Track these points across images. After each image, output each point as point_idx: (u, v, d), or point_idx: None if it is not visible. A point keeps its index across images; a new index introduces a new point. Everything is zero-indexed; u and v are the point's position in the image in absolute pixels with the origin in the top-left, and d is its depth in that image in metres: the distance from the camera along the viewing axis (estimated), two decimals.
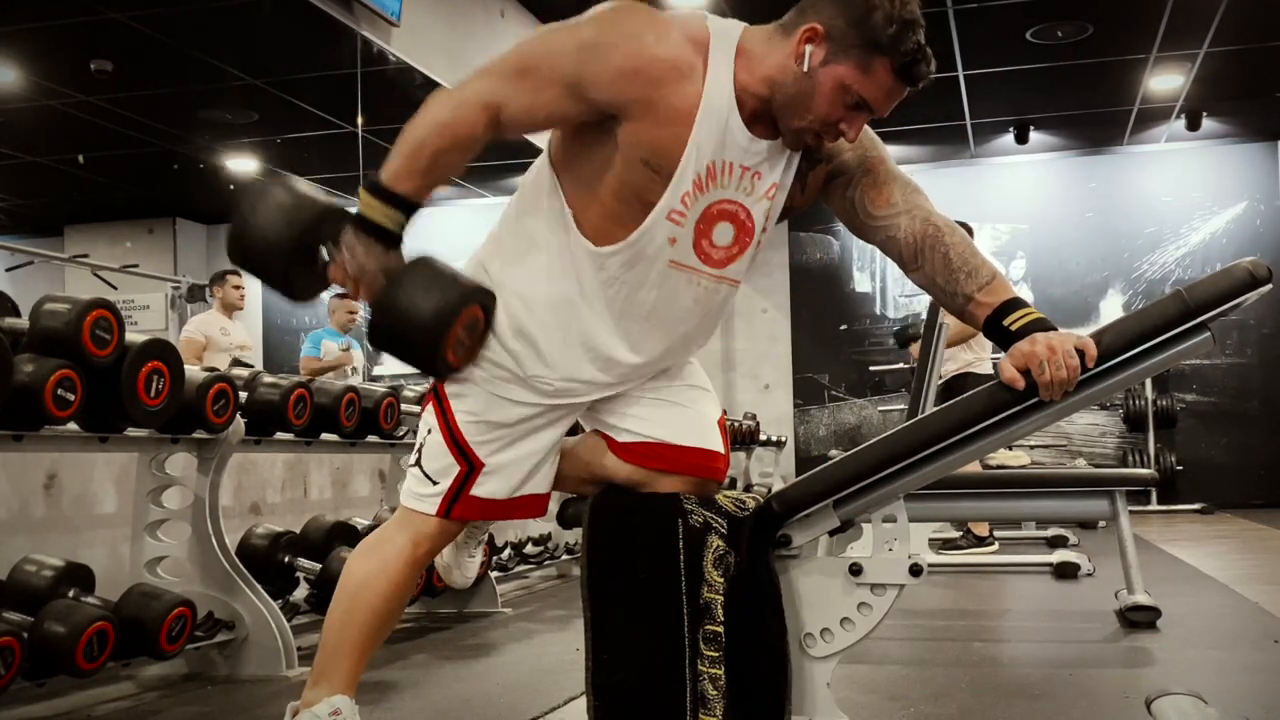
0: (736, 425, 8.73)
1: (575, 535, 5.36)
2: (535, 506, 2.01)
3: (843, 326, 11.23)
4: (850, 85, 1.75)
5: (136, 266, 9.31)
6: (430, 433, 1.95)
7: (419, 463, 1.95)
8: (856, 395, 11.16)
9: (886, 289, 11.18)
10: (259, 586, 3.28)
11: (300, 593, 3.67)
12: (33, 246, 9.39)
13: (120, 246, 10.54)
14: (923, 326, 5.43)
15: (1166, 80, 8.97)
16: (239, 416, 3.23)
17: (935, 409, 2.06)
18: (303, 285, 1.86)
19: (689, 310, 1.89)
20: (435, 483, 1.93)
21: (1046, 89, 9.16)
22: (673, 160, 1.76)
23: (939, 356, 5.21)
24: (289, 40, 7.13)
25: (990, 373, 6.23)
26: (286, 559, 3.61)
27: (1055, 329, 1.78)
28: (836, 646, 1.94)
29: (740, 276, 1.93)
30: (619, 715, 1.88)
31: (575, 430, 2.08)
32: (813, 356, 11.22)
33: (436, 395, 1.95)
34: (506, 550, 4.96)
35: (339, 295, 7.53)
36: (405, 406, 4.23)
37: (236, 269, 7.25)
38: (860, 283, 11.25)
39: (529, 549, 5.21)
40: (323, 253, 1.78)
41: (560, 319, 1.87)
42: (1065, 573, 5.07)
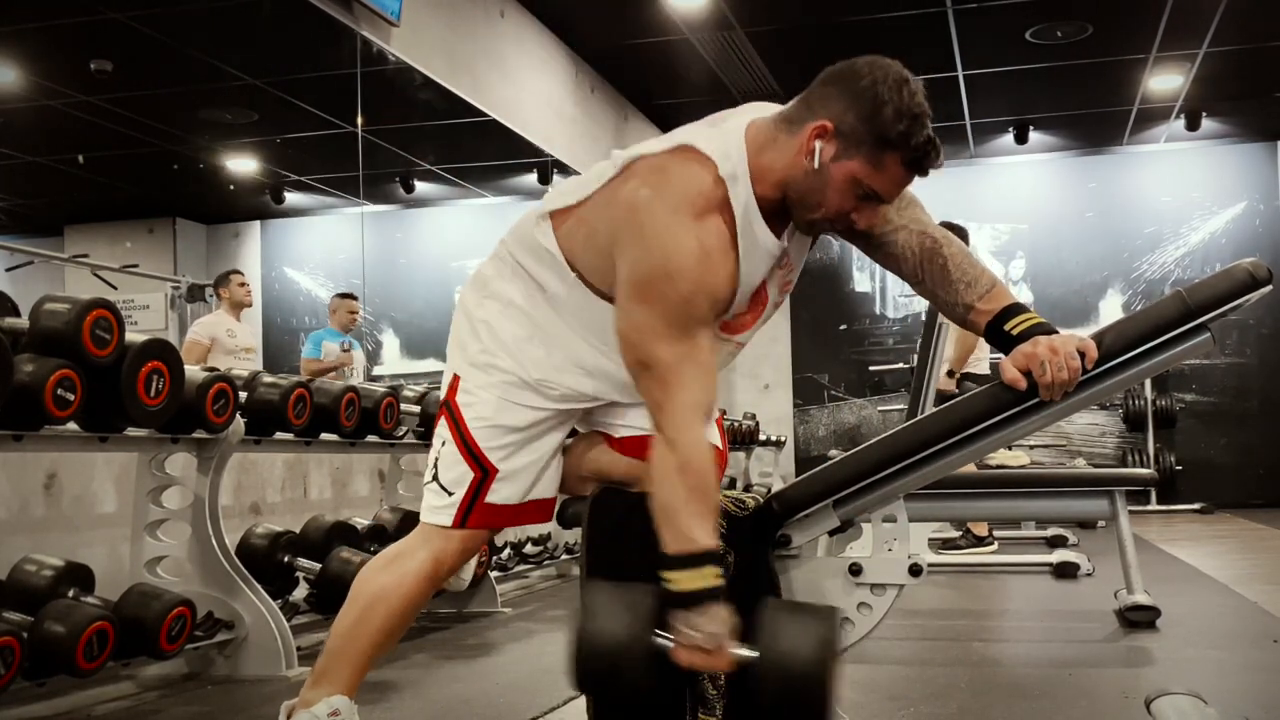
0: (736, 425, 8.74)
1: (575, 535, 5.36)
2: (544, 511, 2.03)
3: (842, 326, 11.23)
4: (861, 180, 1.76)
5: (136, 266, 9.29)
6: (444, 444, 1.96)
7: (435, 476, 1.96)
8: (856, 395, 11.17)
9: (886, 289, 11.18)
10: (259, 586, 3.29)
11: (300, 592, 3.67)
12: (33, 246, 9.37)
13: (120, 246, 10.53)
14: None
15: (1166, 80, 8.97)
16: (239, 416, 3.24)
17: (935, 409, 2.06)
18: (653, 682, 1.74)
19: None
20: (450, 493, 1.94)
21: (1046, 89, 9.16)
22: (727, 303, 1.81)
23: (939, 357, 5.21)
24: (289, 40, 7.13)
25: (988, 373, 6.23)
26: (286, 559, 3.61)
27: (1056, 332, 1.79)
28: None
29: (746, 340, 1.98)
30: (618, 715, 1.88)
31: (572, 431, 2.09)
32: (812, 356, 11.22)
33: (448, 407, 1.96)
34: (506, 550, 4.96)
35: (340, 295, 7.54)
36: (405, 406, 4.23)
37: (239, 269, 7.28)
38: (860, 283, 11.25)
39: (528, 549, 5.21)
40: (658, 643, 1.69)
41: (573, 353, 1.91)
42: (1065, 572, 5.07)
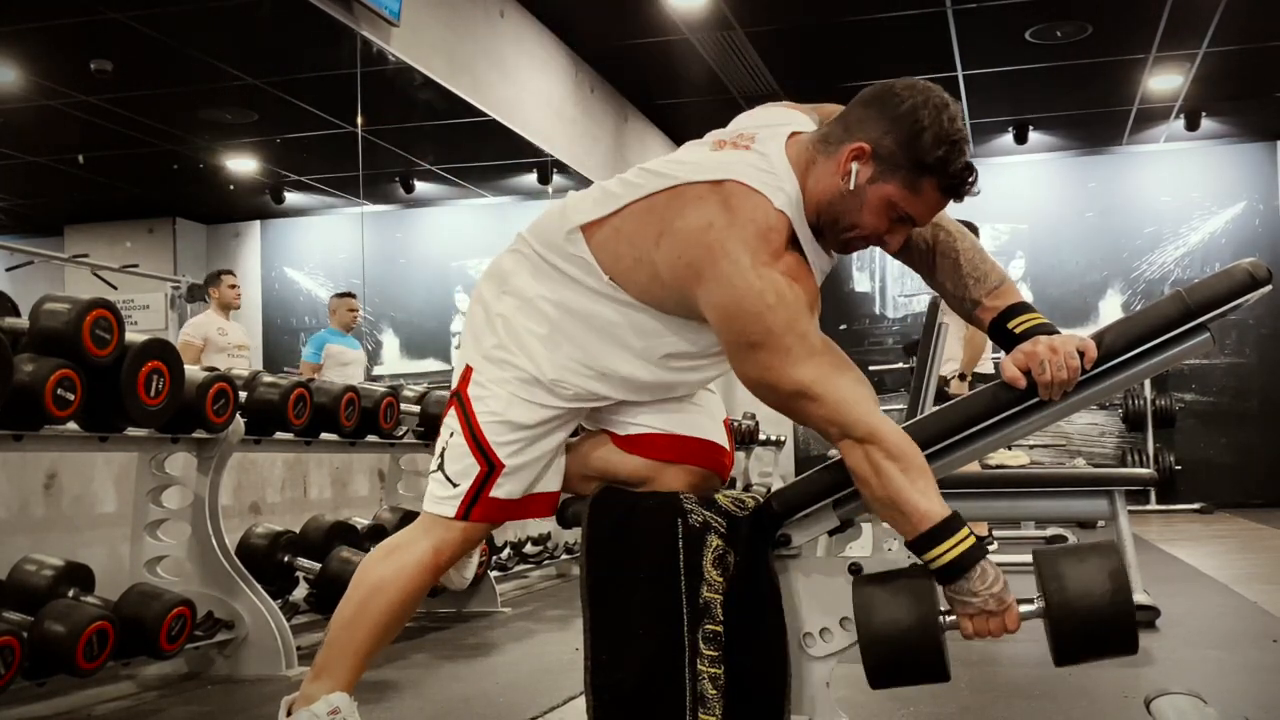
0: (736, 425, 8.74)
1: (575, 535, 5.36)
2: (548, 504, 2.03)
3: (842, 326, 11.23)
4: (897, 204, 1.77)
5: (136, 266, 9.30)
6: (452, 435, 1.95)
7: (441, 466, 1.96)
8: None
9: (886, 289, 11.18)
10: (259, 586, 3.29)
11: (300, 592, 3.67)
12: (33, 246, 9.37)
13: (120, 246, 10.53)
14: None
15: (1165, 80, 8.97)
16: (239, 416, 3.24)
17: (935, 409, 2.06)
18: (946, 669, 1.78)
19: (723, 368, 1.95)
20: (455, 485, 1.94)
21: (1046, 89, 9.17)
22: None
23: (939, 356, 5.21)
24: (289, 40, 7.13)
25: (990, 372, 6.23)
26: (286, 558, 3.61)
27: (1058, 333, 1.79)
28: (836, 646, 1.94)
29: None
30: (618, 715, 1.89)
31: (575, 430, 2.08)
32: None
33: (459, 398, 1.96)
34: (506, 550, 4.96)
35: (340, 294, 7.55)
36: (405, 406, 4.23)
37: (230, 270, 7.29)
38: (860, 282, 11.26)
39: (528, 549, 5.21)
40: (944, 621, 1.72)
41: (589, 356, 1.91)
42: None
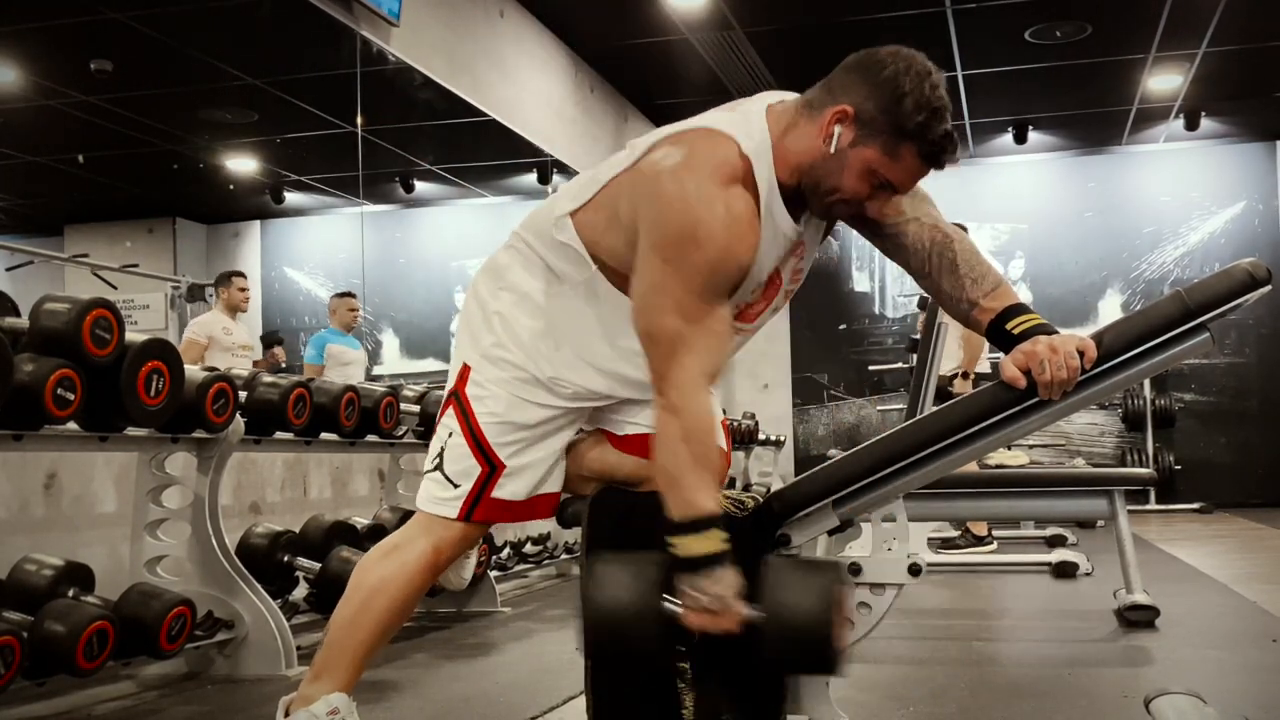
0: (735, 425, 8.74)
1: (574, 535, 5.36)
2: (549, 506, 2.02)
3: (841, 326, 11.23)
4: (877, 169, 1.77)
5: (136, 266, 9.29)
6: (451, 435, 1.95)
7: (439, 466, 1.95)
8: (855, 395, 11.17)
9: (885, 288, 11.18)
10: (258, 586, 3.29)
11: (300, 592, 3.67)
12: (33, 246, 9.37)
13: (120, 246, 10.53)
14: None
15: (1165, 80, 8.97)
16: (239, 416, 3.24)
17: (934, 409, 2.07)
18: (664, 648, 1.79)
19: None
20: (456, 485, 1.93)
21: (1045, 89, 9.17)
22: (738, 283, 1.80)
23: (938, 356, 5.22)
24: (289, 40, 7.13)
25: (989, 372, 6.23)
26: (286, 558, 3.61)
27: (1057, 333, 1.79)
28: None
29: (761, 324, 1.97)
30: (618, 714, 1.89)
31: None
32: (812, 356, 11.22)
33: (457, 397, 1.95)
34: (506, 550, 4.96)
35: (340, 294, 7.54)
36: (405, 406, 4.23)
37: (241, 271, 7.29)
38: (859, 282, 11.25)
39: (528, 548, 5.22)
40: (667, 608, 1.71)
41: (586, 350, 1.91)
42: (1064, 572, 5.08)
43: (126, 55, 7.35)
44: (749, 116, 1.81)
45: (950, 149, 1.77)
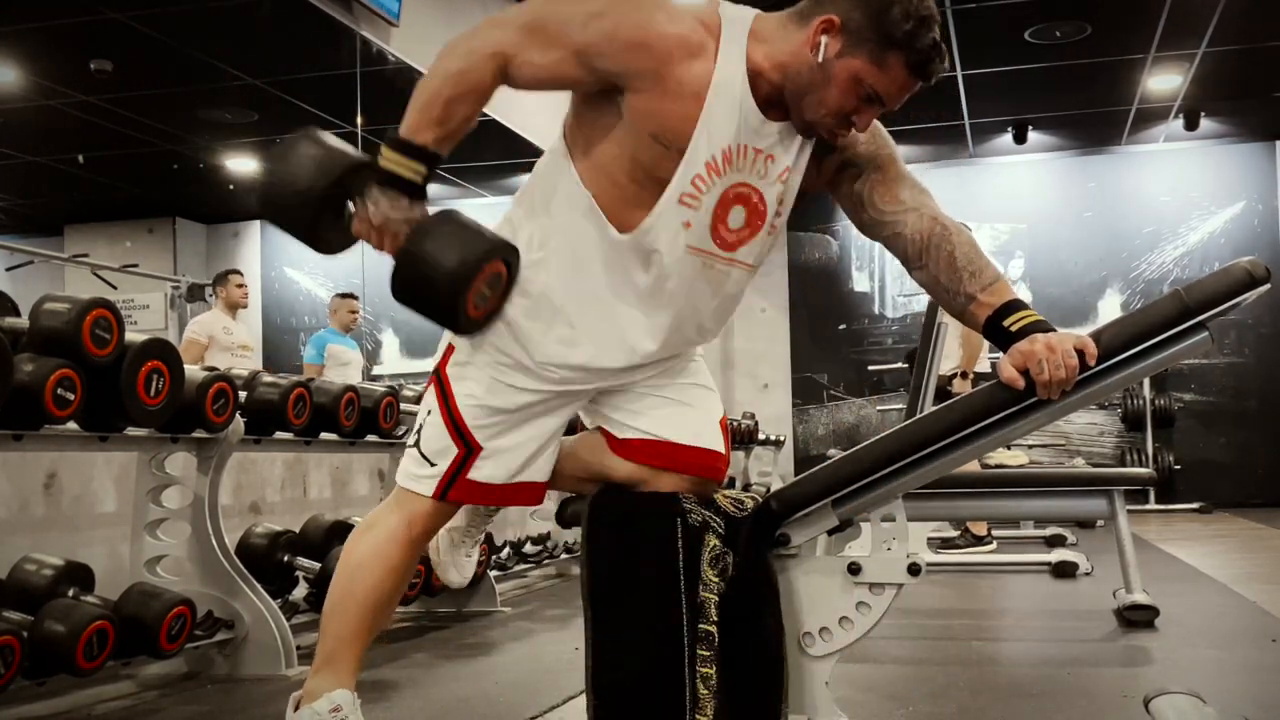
0: (735, 424, 8.73)
1: (574, 534, 5.36)
2: (531, 495, 2.00)
3: (841, 326, 11.24)
4: (864, 79, 1.76)
5: (136, 266, 9.31)
6: (430, 414, 1.95)
7: (417, 444, 1.96)
8: (855, 394, 11.17)
9: (885, 288, 11.18)
10: (258, 585, 3.29)
11: (299, 592, 3.67)
12: (33, 246, 9.39)
13: (120, 246, 10.54)
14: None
15: (1165, 80, 8.97)
16: (238, 416, 3.24)
17: (934, 408, 2.07)
18: (329, 238, 1.87)
19: (704, 296, 1.90)
20: (433, 464, 1.93)
21: (1045, 89, 9.17)
22: (683, 137, 1.76)
23: (938, 356, 5.22)
24: (289, 40, 7.13)
25: (989, 372, 6.23)
26: (286, 558, 3.61)
27: (1054, 330, 1.78)
28: (835, 645, 1.95)
29: (753, 260, 1.93)
30: (618, 714, 1.89)
31: (573, 429, 2.08)
32: (811, 356, 11.23)
33: (438, 375, 1.95)
34: (505, 549, 4.96)
35: (341, 295, 7.55)
36: (404, 406, 4.23)
37: (238, 269, 7.30)
38: (859, 282, 11.26)
39: (528, 548, 5.22)
40: (349, 206, 1.78)
41: (579, 307, 1.88)
42: (1063, 572, 5.08)
43: (126, 55, 7.36)
44: (739, 9, 1.83)
45: (938, 59, 1.79)
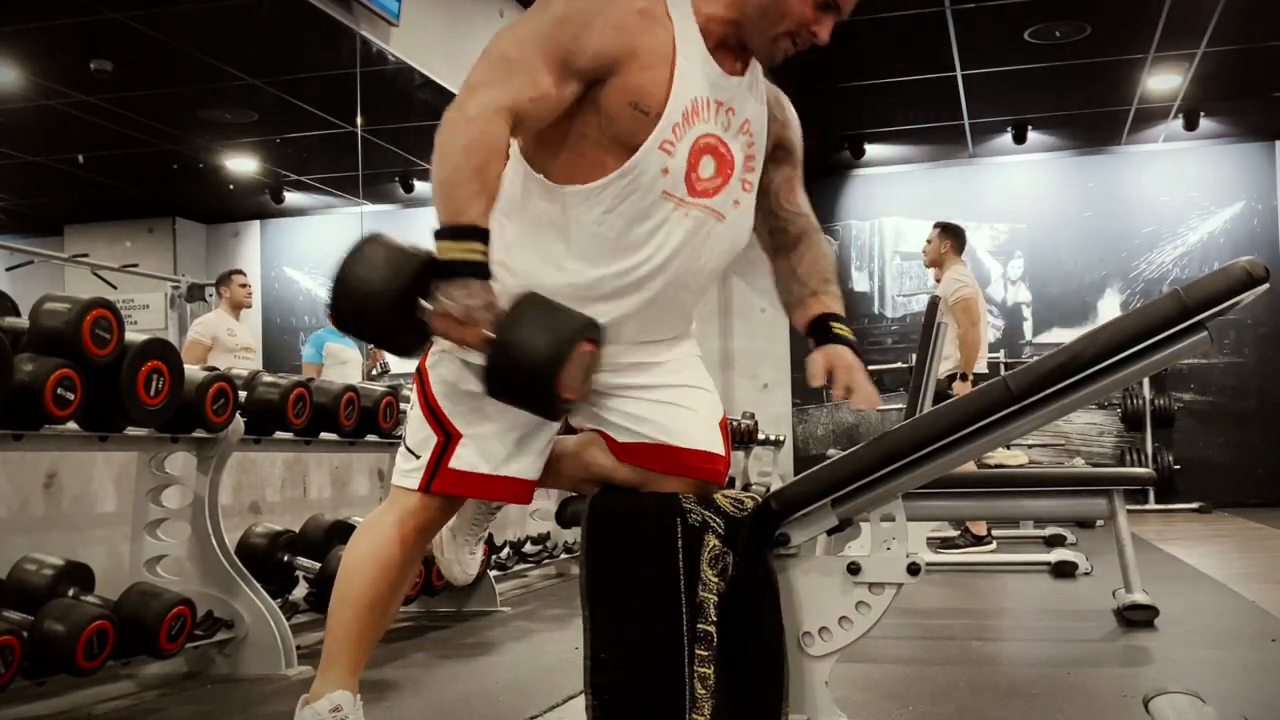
0: (735, 424, 8.74)
1: (574, 534, 5.36)
2: (517, 491, 1.98)
3: None
4: None
5: (136, 266, 9.30)
6: (412, 408, 1.98)
7: (404, 439, 1.99)
8: None
9: (885, 289, 11.18)
10: (258, 585, 3.29)
11: (299, 591, 3.68)
12: (33, 246, 9.37)
13: (120, 246, 10.53)
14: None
15: (1164, 80, 8.98)
16: (238, 416, 3.24)
17: (934, 408, 2.07)
18: (407, 340, 1.85)
19: (680, 247, 1.89)
20: (417, 456, 1.94)
21: (1044, 89, 9.17)
22: (660, 100, 1.81)
23: (937, 355, 5.22)
24: (289, 40, 7.14)
25: (988, 372, 6.24)
26: (286, 558, 3.61)
27: (860, 354, 2.03)
28: (834, 645, 1.95)
29: (725, 210, 1.92)
30: (618, 714, 1.89)
31: (572, 430, 2.08)
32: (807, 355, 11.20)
33: (419, 371, 1.98)
34: (505, 549, 4.97)
35: None
36: (404, 406, 4.23)
37: (241, 269, 7.30)
38: (859, 282, 11.26)
39: (528, 548, 5.22)
40: (422, 305, 1.74)
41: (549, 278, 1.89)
42: (1063, 571, 5.08)
43: (126, 55, 7.36)
44: None
45: None
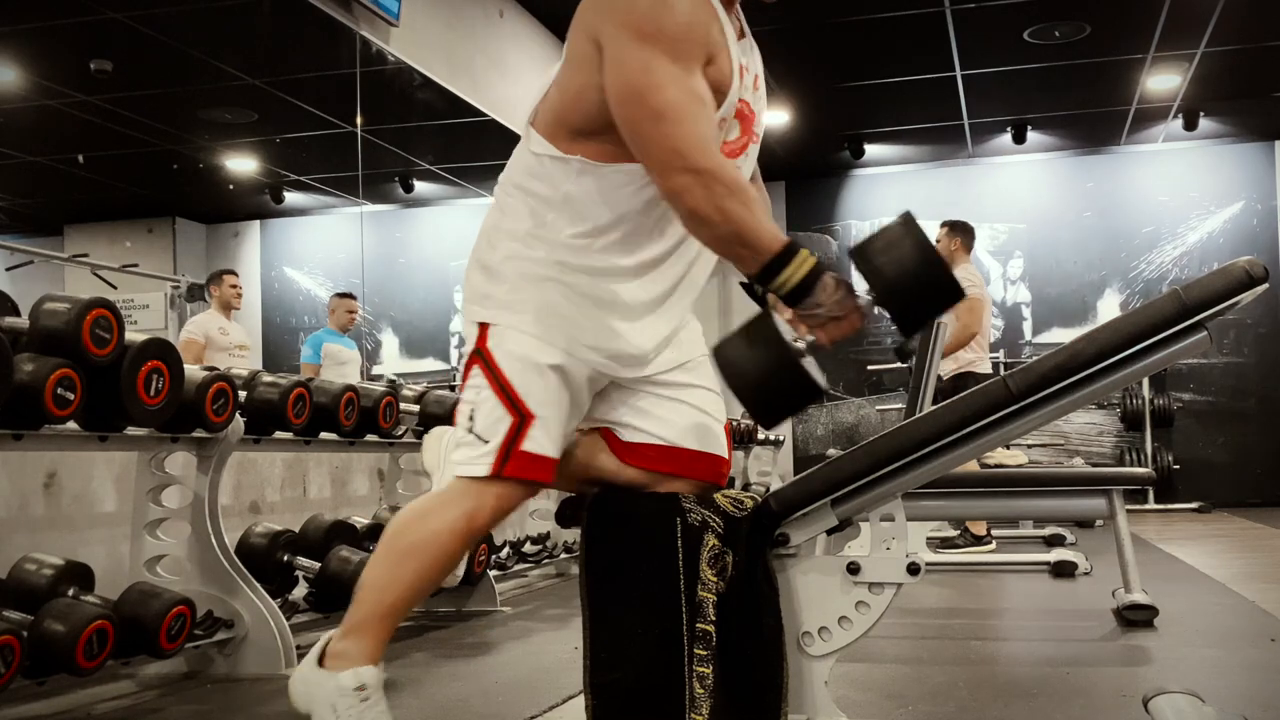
0: (735, 424, 8.74)
1: (574, 534, 5.37)
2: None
3: None
4: None
5: (136, 266, 9.30)
6: (479, 392, 1.89)
7: (470, 428, 1.90)
8: (854, 394, 11.17)
9: None
10: (258, 585, 3.29)
11: (299, 591, 3.68)
12: (33, 246, 9.37)
13: (120, 246, 10.53)
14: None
15: (1164, 80, 8.97)
16: (238, 415, 3.24)
17: (933, 408, 2.07)
18: (812, 384, 1.85)
19: None
20: (486, 441, 1.87)
21: (1044, 89, 9.17)
22: (727, 78, 1.83)
23: (937, 356, 5.22)
24: (288, 40, 7.13)
25: (990, 372, 6.24)
26: (286, 558, 3.61)
27: None
28: (834, 645, 1.95)
29: (744, 166, 1.96)
30: (617, 714, 1.89)
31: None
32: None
33: (480, 354, 1.90)
34: (505, 549, 4.97)
35: (339, 294, 7.55)
36: (404, 406, 4.24)
37: (233, 269, 7.30)
38: (858, 282, 11.23)
39: (527, 548, 5.22)
40: (798, 343, 1.82)
41: (596, 287, 1.88)
42: (1063, 571, 5.08)
43: (126, 55, 7.36)
44: None
45: None
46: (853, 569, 1.94)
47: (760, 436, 9.34)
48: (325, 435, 3.82)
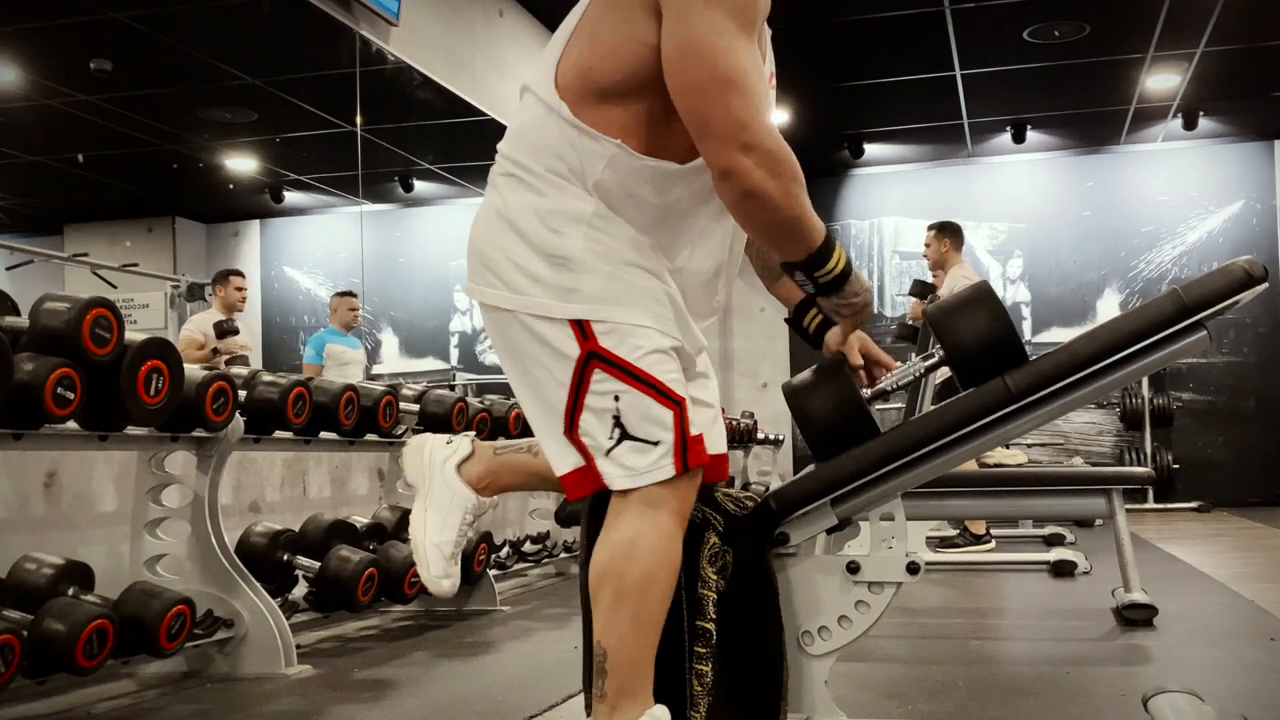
0: (734, 424, 8.74)
1: (573, 533, 5.37)
2: (721, 466, 1.93)
3: None
4: None
5: (136, 265, 9.29)
6: (620, 398, 1.70)
7: (624, 437, 1.71)
8: None
9: (884, 288, 11.18)
10: (258, 584, 3.29)
11: (299, 591, 3.68)
12: (33, 246, 9.37)
13: (120, 245, 10.53)
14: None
15: (1163, 80, 8.98)
16: (238, 415, 3.24)
17: (933, 408, 2.07)
18: (876, 429, 2.00)
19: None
20: (656, 442, 1.71)
21: (1043, 88, 9.17)
22: (762, 40, 1.78)
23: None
24: (288, 40, 7.14)
25: None
26: (285, 557, 3.62)
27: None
28: (834, 644, 1.95)
29: None
30: None
31: None
32: (810, 355, 11.07)
33: (600, 357, 1.70)
34: (505, 548, 4.97)
35: (340, 294, 7.55)
36: (404, 405, 4.24)
37: (239, 270, 7.30)
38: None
39: (527, 547, 5.22)
40: (866, 394, 2.02)
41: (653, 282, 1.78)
42: (1062, 571, 5.08)
43: (126, 55, 7.36)
44: None
45: None
46: (852, 568, 1.94)
47: (759, 436, 9.34)
48: (325, 435, 3.82)
